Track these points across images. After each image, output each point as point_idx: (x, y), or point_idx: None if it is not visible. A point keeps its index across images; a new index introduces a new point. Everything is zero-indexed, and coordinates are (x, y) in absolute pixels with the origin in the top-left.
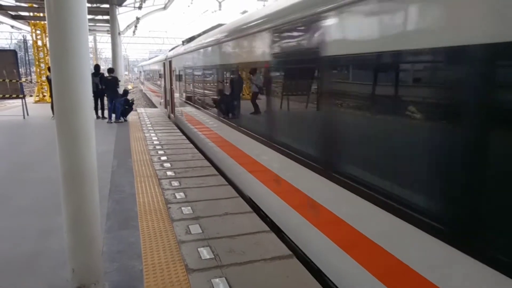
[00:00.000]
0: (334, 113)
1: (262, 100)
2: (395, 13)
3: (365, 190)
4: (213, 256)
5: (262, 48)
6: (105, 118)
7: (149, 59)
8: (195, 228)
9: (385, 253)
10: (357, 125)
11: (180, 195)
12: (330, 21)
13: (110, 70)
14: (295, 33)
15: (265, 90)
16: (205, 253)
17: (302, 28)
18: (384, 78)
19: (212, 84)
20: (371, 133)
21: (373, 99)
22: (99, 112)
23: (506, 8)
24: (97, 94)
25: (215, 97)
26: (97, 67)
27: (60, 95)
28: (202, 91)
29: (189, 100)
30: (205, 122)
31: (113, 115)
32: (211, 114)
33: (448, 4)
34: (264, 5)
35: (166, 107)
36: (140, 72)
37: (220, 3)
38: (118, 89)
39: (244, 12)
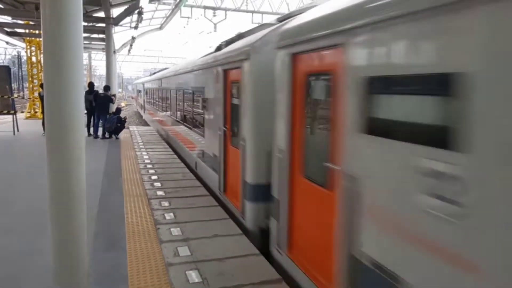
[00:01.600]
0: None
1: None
2: None
3: None
4: (201, 280)
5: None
6: (97, 136)
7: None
8: (183, 250)
9: None
10: None
11: (169, 216)
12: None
13: (106, 88)
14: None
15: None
16: (193, 276)
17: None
18: None
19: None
20: None
21: None
22: (91, 129)
23: None
24: (91, 112)
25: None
26: (91, 84)
27: (52, 114)
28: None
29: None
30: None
31: (100, 131)
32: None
33: None
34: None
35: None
36: (140, 91)
37: (215, 25)
38: (111, 105)
39: (240, 33)
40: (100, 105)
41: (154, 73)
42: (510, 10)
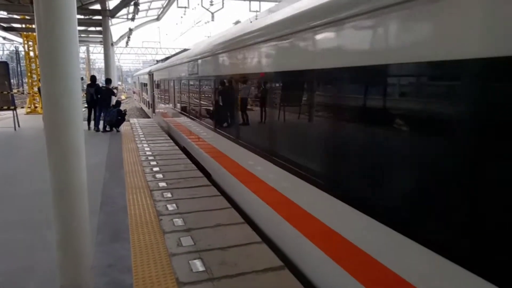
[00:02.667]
0: None
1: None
2: None
3: None
4: (205, 269)
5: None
6: (98, 130)
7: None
8: (186, 240)
9: None
10: None
11: (172, 207)
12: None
13: (108, 81)
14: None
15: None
16: (197, 265)
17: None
18: None
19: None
20: None
21: None
22: (92, 123)
23: None
24: (92, 105)
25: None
26: (93, 77)
27: (50, 108)
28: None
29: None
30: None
31: (101, 124)
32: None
33: None
34: (256, 17)
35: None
36: (145, 84)
37: (213, 14)
38: (113, 98)
39: (237, 22)
40: (102, 98)
41: (167, 58)
42: None
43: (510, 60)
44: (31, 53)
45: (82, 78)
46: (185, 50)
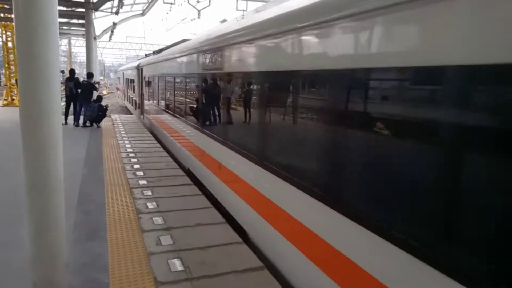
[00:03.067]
0: None
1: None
2: None
3: None
4: (183, 269)
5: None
6: (78, 125)
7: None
8: (166, 239)
9: None
10: None
11: (152, 205)
12: None
13: (90, 75)
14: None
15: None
16: (175, 265)
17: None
18: None
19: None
20: None
21: None
22: (70, 118)
23: None
24: (71, 99)
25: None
26: (72, 71)
27: (27, 102)
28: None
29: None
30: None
31: (81, 119)
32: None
33: None
34: (243, 16)
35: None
36: (131, 81)
37: (199, 11)
38: (95, 93)
39: (224, 21)
40: (83, 92)
41: (161, 50)
42: None
43: None
44: (9, 44)
45: (62, 72)
46: (184, 40)
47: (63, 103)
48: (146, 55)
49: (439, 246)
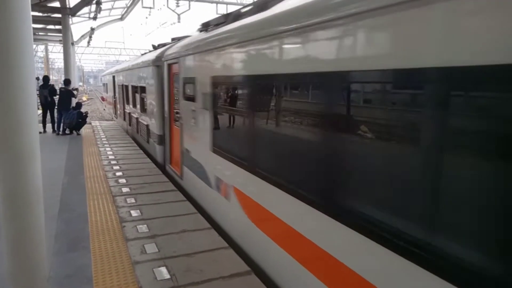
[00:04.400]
0: None
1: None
2: None
3: None
4: (169, 277)
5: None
6: (59, 133)
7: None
8: (150, 247)
9: None
10: None
11: (135, 213)
12: None
13: (67, 82)
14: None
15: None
16: (161, 273)
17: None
18: None
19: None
20: None
21: None
22: (49, 126)
23: None
24: (46, 107)
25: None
26: (46, 78)
27: (2, 110)
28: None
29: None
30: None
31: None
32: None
33: None
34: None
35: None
36: (125, 87)
37: (179, 15)
38: (73, 99)
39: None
40: (61, 100)
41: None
42: None
43: None
44: None
45: (37, 78)
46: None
47: (40, 111)
48: (157, 46)
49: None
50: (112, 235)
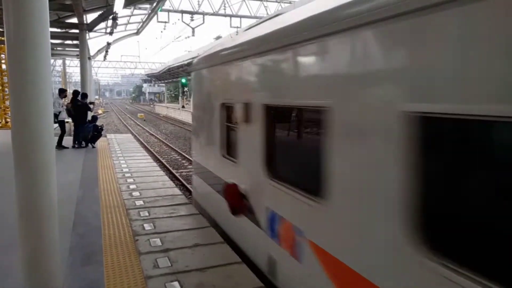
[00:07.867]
0: None
1: None
2: None
3: None
4: None
5: None
6: (74, 146)
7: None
8: (163, 262)
9: None
10: None
11: (149, 226)
12: None
13: (84, 95)
14: None
15: None
16: None
17: None
18: None
19: None
20: None
21: None
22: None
23: None
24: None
25: None
26: (62, 91)
27: (19, 124)
28: None
29: None
30: None
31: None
32: None
33: None
34: (237, 32)
35: None
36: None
37: (193, 29)
38: (89, 113)
39: (218, 37)
40: (78, 114)
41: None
42: None
43: None
44: (3, 66)
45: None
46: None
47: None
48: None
49: None
50: (125, 248)
